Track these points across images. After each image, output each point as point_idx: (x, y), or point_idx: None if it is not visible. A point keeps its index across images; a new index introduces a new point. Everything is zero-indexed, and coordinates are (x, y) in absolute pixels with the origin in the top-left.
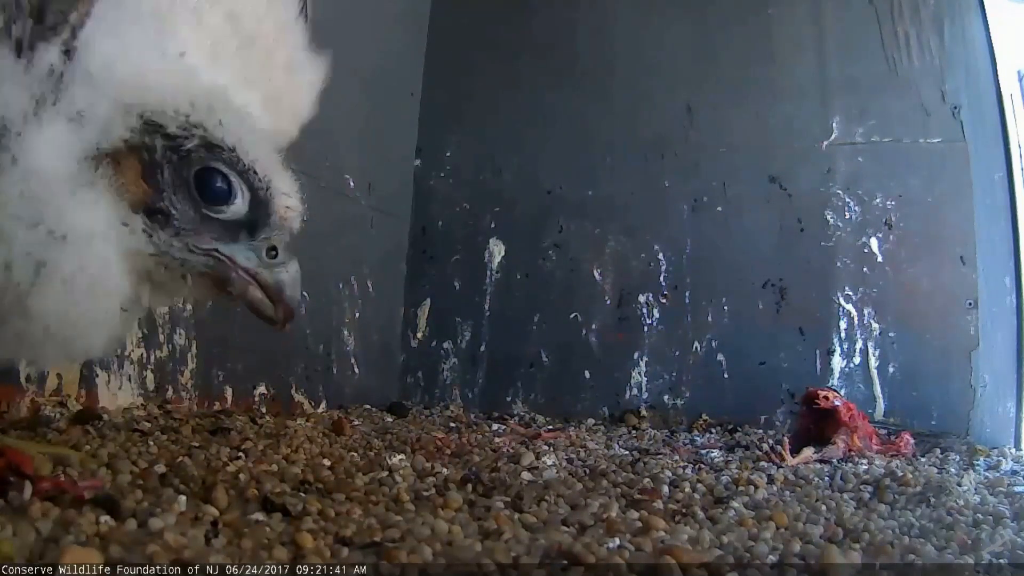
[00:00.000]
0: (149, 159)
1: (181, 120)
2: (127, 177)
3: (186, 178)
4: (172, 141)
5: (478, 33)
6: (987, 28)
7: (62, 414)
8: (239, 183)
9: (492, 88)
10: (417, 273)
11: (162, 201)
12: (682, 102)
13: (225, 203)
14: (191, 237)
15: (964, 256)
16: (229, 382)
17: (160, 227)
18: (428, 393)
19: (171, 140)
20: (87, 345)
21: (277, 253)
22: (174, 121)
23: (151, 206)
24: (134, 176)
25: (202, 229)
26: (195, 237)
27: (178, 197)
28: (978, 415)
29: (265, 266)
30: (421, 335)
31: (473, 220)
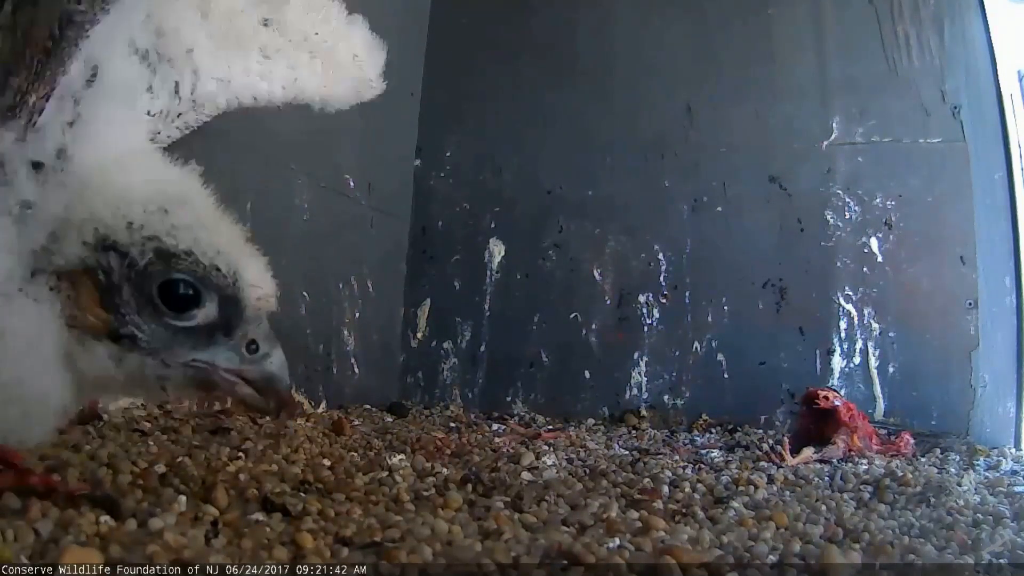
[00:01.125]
0: (106, 281)
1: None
2: (85, 303)
3: (148, 294)
4: (127, 259)
5: (478, 33)
6: (987, 28)
7: None
8: (204, 287)
9: (492, 88)
10: (417, 273)
11: (126, 326)
12: (682, 102)
13: (195, 309)
14: (166, 354)
15: (964, 256)
16: None
17: (127, 351)
18: (428, 393)
19: (126, 258)
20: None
21: (258, 347)
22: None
23: (115, 332)
24: (91, 302)
25: (174, 343)
26: (169, 353)
27: (143, 317)
28: (978, 415)
29: (248, 362)
30: (421, 335)
31: (473, 220)
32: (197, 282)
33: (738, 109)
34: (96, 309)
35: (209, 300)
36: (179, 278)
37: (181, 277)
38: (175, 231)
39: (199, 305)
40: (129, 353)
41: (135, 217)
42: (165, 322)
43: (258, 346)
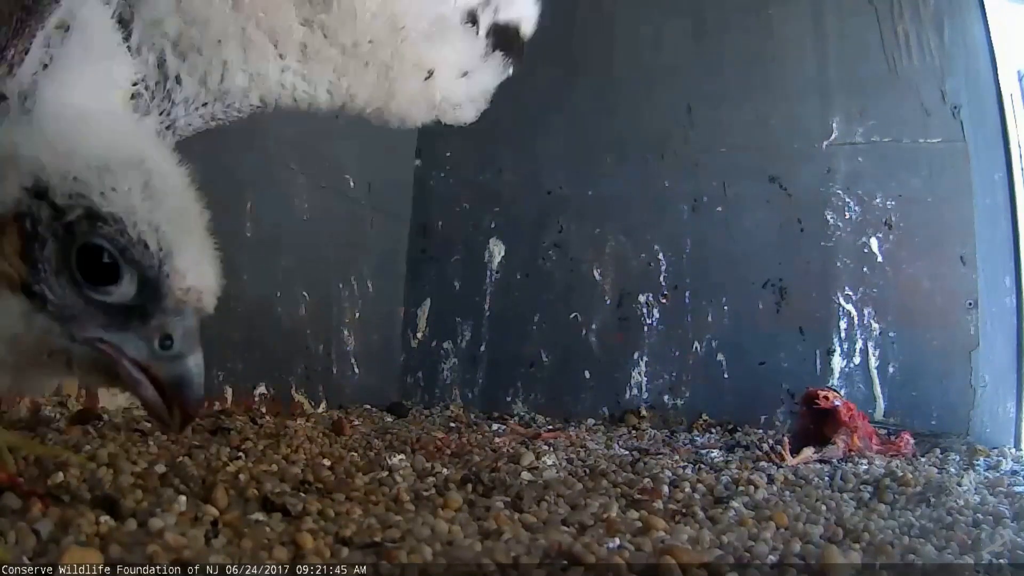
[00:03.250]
0: (32, 231)
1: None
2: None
3: (67, 256)
4: (56, 211)
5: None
6: (987, 28)
7: (62, 414)
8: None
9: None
10: (417, 273)
11: (39, 283)
12: (682, 102)
13: (112, 284)
14: (73, 324)
15: (964, 256)
16: (229, 382)
17: (37, 310)
18: (428, 393)
19: (56, 210)
20: None
21: (172, 343)
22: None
23: (28, 286)
24: (13, 251)
25: (85, 315)
26: (76, 324)
27: (58, 278)
28: (978, 415)
29: (158, 359)
30: (421, 335)
31: (473, 220)
32: (118, 254)
33: (738, 109)
34: (15, 258)
35: (128, 278)
36: (100, 244)
37: (102, 244)
38: (110, 194)
39: (116, 281)
40: (38, 313)
41: (75, 170)
42: (79, 290)
43: (172, 343)
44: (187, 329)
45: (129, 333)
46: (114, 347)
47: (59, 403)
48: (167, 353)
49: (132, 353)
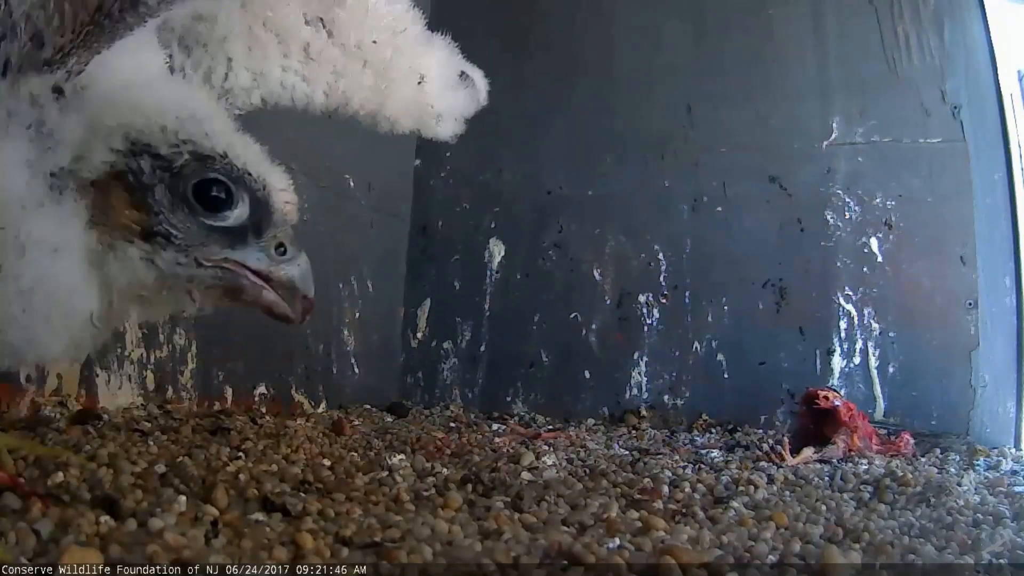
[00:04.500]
0: (136, 182)
1: (170, 138)
2: (116, 206)
3: (183, 193)
4: (162, 160)
5: (479, 33)
6: (987, 28)
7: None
8: (237, 188)
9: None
10: (417, 273)
11: (160, 224)
12: (682, 102)
13: (228, 210)
14: (199, 251)
15: (964, 256)
16: (229, 382)
17: (162, 248)
18: (428, 393)
19: (161, 160)
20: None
21: (286, 249)
22: (163, 140)
23: (148, 230)
24: (123, 204)
25: (209, 241)
26: (203, 250)
27: (177, 215)
28: (978, 415)
29: (275, 264)
30: (421, 335)
31: (473, 220)
32: (231, 183)
33: (738, 109)
34: (127, 211)
35: (241, 201)
36: (214, 178)
37: (216, 177)
38: (210, 136)
39: (232, 206)
40: (163, 252)
41: (169, 123)
42: (200, 221)
43: (286, 249)
44: (290, 236)
45: (249, 248)
46: (238, 263)
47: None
48: (284, 258)
49: (255, 265)
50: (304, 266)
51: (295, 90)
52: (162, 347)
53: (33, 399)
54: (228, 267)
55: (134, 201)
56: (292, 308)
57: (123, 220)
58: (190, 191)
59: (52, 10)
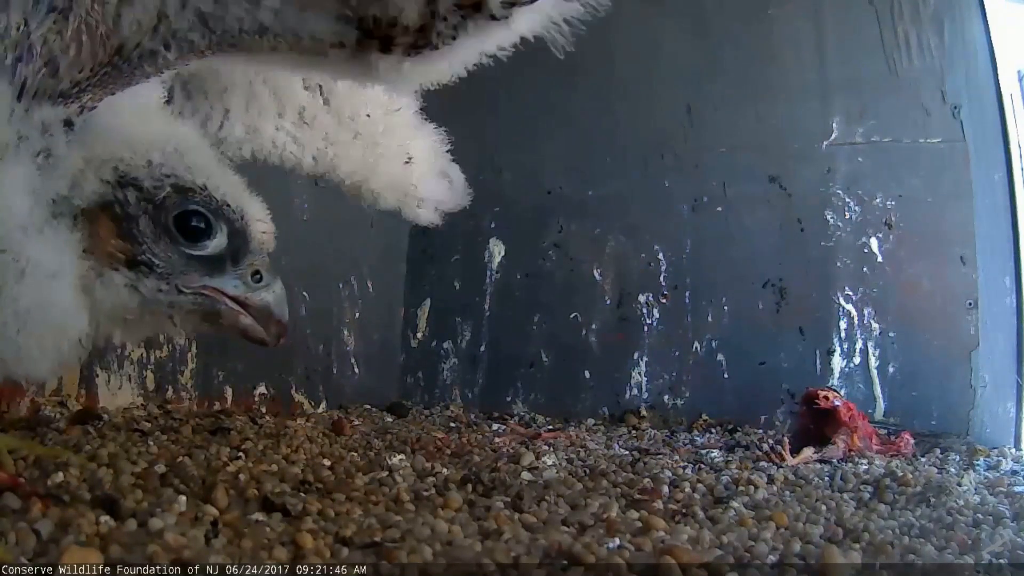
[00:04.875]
0: (122, 213)
1: (154, 172)
2: (103, 235)
3: (165, 224)
4: (145, 193)
5: None
6: (987, 28)
7: (62, 414)
8: (216, 219)
9: (492, 88)
10: (417, 273)
11: (143, 253)
12: (682, 102)
13: (207, 239)
14: (179, 279)
15: (964, 256)
16: (229, 382)
17: (145, 276)
18: (428, 393)
19: (144, 192)
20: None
21: (262, 276)
22: (147, 174)
23: (132, 259)
24: (109, 233)
25: (188, 269)
26: (183, 278)
27: (159, 245)
28: (978, 415)
29: (252, 290)
30: (421, 335)
31: (473, 220)
32: (210, 214)
33: (738, 109)
34: (113, 240)
35: (220, 231)
36: (194, 209)
37: (196, 208)
38: (191, 169)
39: (211, 236)
40: (145, 279)
41: (154, 157)
42: (180, 250)
43: (262, 276)
44: (266, 263)
45: (227, 276)
46: (216, 290)
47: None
48: (259, 285)
49: (232, 291)
50: (279, 292)
51: (285, 149)
52: (162, 347)
53: (33, 399)
54: (207, 293)
55: (120, 231)
56: (268, 332)
57: (109, 248)
58: (171, 222)
59: (68, 39)
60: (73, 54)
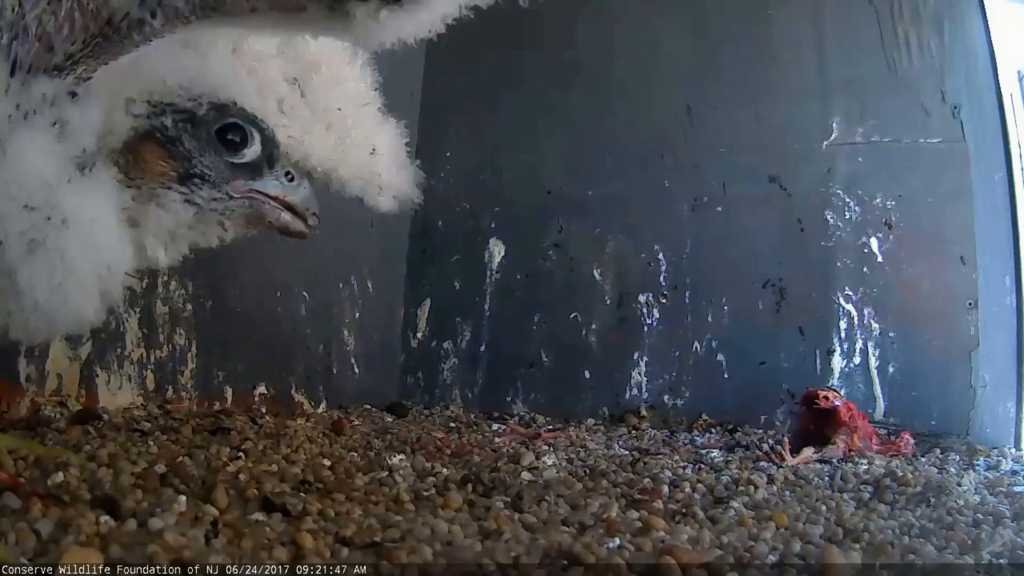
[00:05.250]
0: (164, 137)
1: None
2: (150, 161)
3: (207, 139)
4: (184, 114)
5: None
6: (987, 28)
7: (62, 414)
8: (250, 128)
9: (492, 88)
10: (417, 273)
11: (194, 167)
12: (682, 102)
13: (244, 148)
14: (229, 186)
15: (964, 256)
16: (229, 382)
17: (199, 188)
18: (428, 393)
19: (183, 113)
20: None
21: (293, 176)
22: (182, 97)
23: (184, 175)
24: (156, 157)
25: (234, 176)
26: (231, 185)
27: (206, 157)
28: (978, 415)
29: (288, 190)
30: (421, 335)
31: (473, 220)
32: (246, 124)
33: (738, 109)
34: (162, 162)
35: (253, 140)
36: (232, 122)
37: (234, 121)
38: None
39: (247, 145)
40: (199, 191)
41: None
42: (224, 160)
43: (294, 176)
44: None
45: (265, 178)
46: (260, 192)
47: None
48: (292, 184)
49: (273, 192)
50: (309, 188)
51: None
52: (162, 347)
53: (33, 399)
54: (253, 196)
55: (166, 153)
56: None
57: (159, 170)
58: (214, 135)
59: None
60: (66, 32)
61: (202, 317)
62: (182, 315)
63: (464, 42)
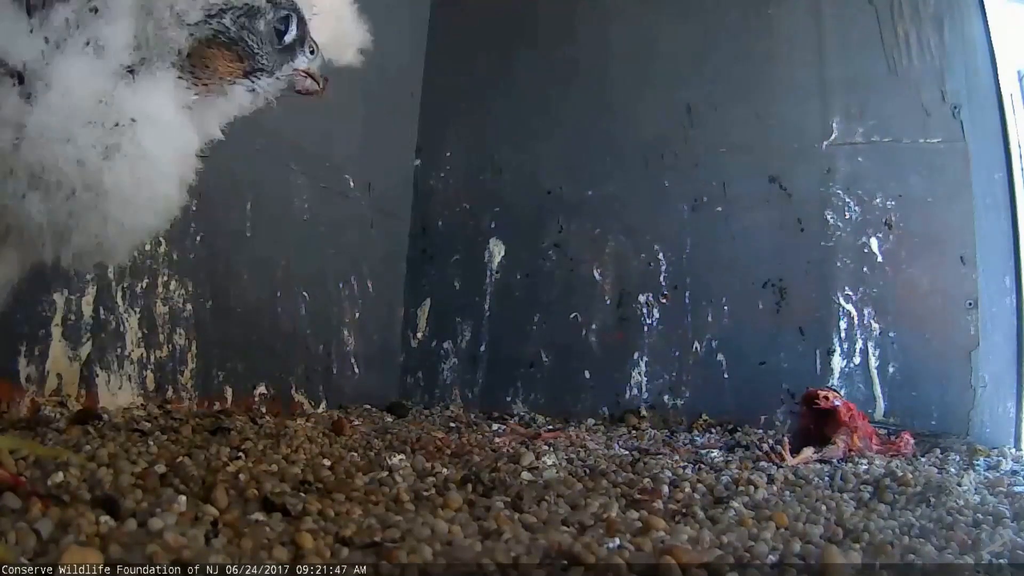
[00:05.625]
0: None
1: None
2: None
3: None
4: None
5: (478, 33)
6: (987, 28)
7: (62, 414)
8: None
9: (492, 88)
10: (417, 273)
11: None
12: (682, 102)
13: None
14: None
15: (964, 256)
16: (229, 382)
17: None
18: (428, 393)
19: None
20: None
21: (314, 49)
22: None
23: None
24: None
25: (282, 60)
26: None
27: (263, 49)
28: (978, 415)
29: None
30: (421, 335)
31: (473, 220)
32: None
33: (738, 109)
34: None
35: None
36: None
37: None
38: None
39: (288, 30)
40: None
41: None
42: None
43: (315, 49)
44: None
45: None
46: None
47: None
48: (313, 57)
49: (304, 66)
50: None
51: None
52: (162, 347)
53: (33, 399)
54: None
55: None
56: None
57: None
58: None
59: None
60: None
61: (202, 317)
62: (182, 315)
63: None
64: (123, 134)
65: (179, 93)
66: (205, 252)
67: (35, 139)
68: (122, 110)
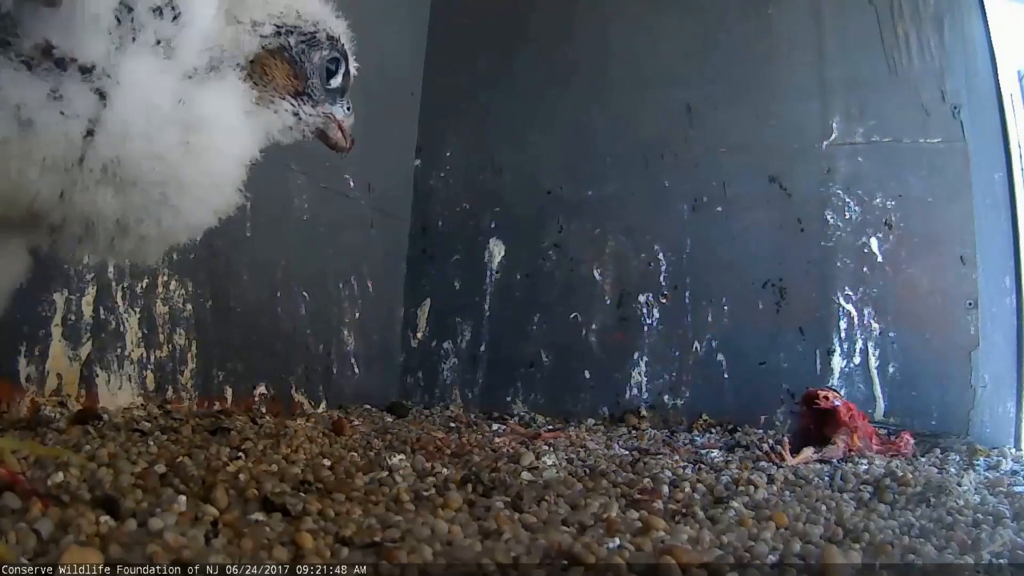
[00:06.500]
0: (290, 57)
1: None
2: (279, 73)
3: (318, 64)
4: (304, 37)
5: (478, 33)
6: (987, 28)
7: (62, 414)
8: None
9: (492, 88)
10: (417, 273)
11: (307, 88)
12: (682, 102)
13: (335, 77)
14: (320, 106)
15: (964, 256)
16: (229, 382)
17: (304, 104)
18: (428, 393)
19: (304, 36)
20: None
21: (351, 108)
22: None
23: (298, 91)
24: (283, 72)
25: (324, 99)
26: (322, 105)
27: (313, 80)
28: (978, 415)
29: (347, 117)
30: (421, 335)
31: (473, 220)
32: (342, 57)
33: (738, 109)
34: (287, 78)
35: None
36: (337, 55)
37: (336, 55)
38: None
39: (337, 74)
40: (304, 106)
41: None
42: (323, 84)
43: (351, 107)
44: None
45: (337, 104)
46: (331, 115)
47: (59, 403)
48: (349, 113)
49: (338, 116)
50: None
51: None
52: (162, 347)
53: (33, 399)
54: (328, 116)
55: (291, 70)
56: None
57: (282, 83)
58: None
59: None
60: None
61: (202, 317)
62: (182, 315)
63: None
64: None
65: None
66: (205, 252)
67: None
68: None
